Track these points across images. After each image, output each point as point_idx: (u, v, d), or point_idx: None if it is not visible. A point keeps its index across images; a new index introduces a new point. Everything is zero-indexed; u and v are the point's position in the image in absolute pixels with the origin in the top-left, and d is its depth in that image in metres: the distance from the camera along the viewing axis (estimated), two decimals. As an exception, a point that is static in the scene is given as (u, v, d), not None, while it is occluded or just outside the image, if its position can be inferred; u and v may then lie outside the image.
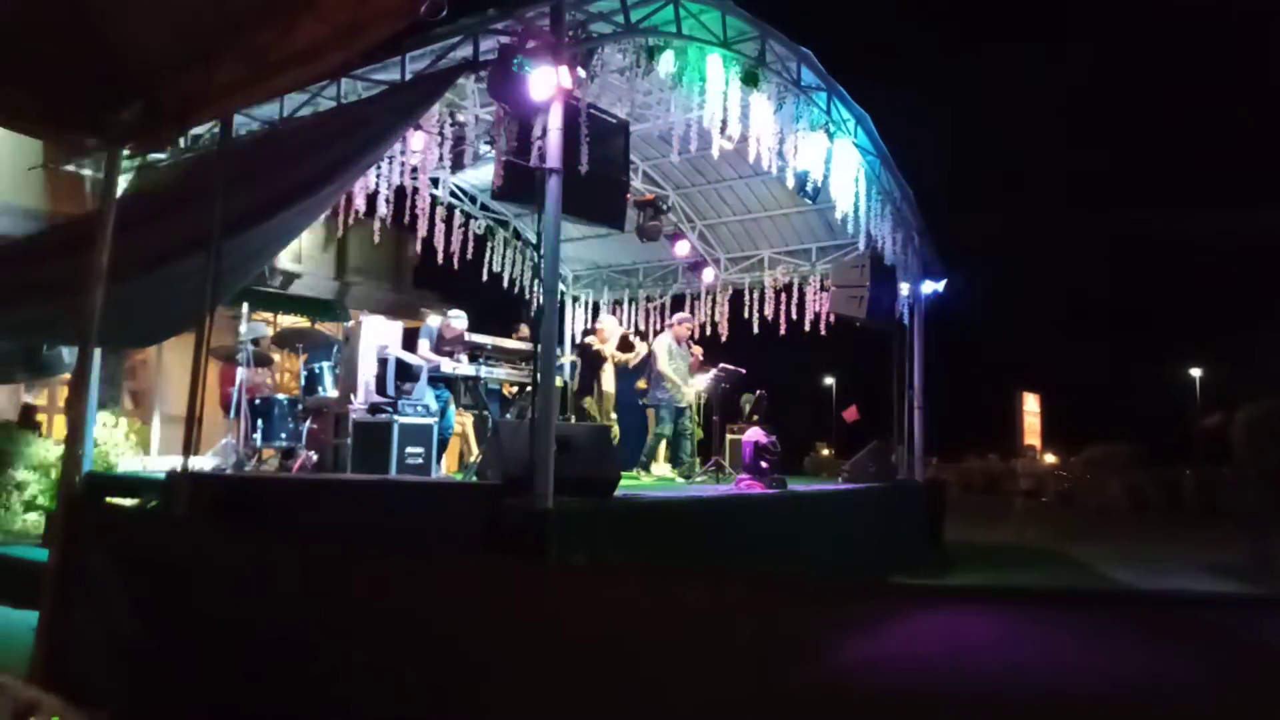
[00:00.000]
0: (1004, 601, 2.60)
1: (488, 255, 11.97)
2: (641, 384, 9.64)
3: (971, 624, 2.28)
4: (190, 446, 4.31)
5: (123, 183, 5.84)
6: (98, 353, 7.00)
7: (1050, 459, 28.58)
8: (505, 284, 12.19)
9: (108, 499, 5.77)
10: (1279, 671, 1.91)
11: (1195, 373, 33.27)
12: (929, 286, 11.06)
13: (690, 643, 2.29)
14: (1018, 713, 2.03)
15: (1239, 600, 2.10)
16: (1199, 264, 43.42)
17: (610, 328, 9.61)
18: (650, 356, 9.77)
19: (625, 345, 9.91)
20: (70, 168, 8.98)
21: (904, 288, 10.98)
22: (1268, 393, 9.54)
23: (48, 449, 7.65)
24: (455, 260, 10.93)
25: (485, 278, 11.91)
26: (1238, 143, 54.86)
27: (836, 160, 8.97)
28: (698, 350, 10.42)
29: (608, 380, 9.56)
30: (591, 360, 9.19)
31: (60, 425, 11.62)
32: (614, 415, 9.84)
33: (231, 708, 2.26)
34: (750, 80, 7.70)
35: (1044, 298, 49.43)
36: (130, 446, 8.73)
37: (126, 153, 3.59)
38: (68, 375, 7.94)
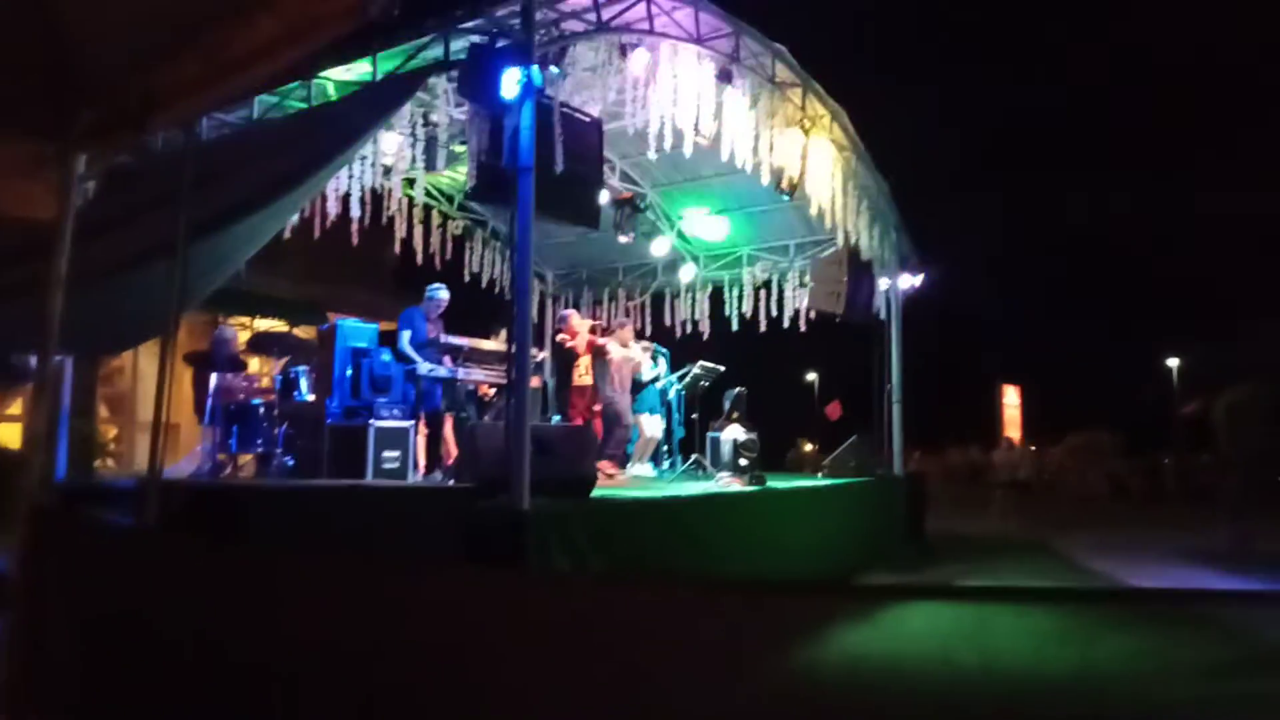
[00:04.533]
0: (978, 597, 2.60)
1: (467, 256, 11.92)
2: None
3: (944, 619, 2.28)
4: (157, 453, 4.25)
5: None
6: (69, 359, 6.94)
7: (1031, 449, 28.81)
8: (484, 284, 12.13)
9: (79, 508, 5.69)
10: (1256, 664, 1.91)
11: (1173, 362, 33.44)
12: (906, 280, 11.09)
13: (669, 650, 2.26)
14: (995, 708, 2.03)
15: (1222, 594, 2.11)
16: (1177, 251, 43.85)
17: (577, 322, 9.50)
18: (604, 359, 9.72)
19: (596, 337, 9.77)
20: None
21: (882, 282, 11.02)
22: (1248, 378, 9.61)
23: None
24: (436, 261, 10.86)
25: (466, 279, 11.85)
26: (1216, 132, 55.38)
27: (812, 156, 8.97)
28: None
29: (583, 376, 9.43)
30: (565, 357, 9.08)
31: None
32: (597, 408, 9.67)
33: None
34: (724, 77, 7.69)
35: (1022, 289, 49.79)
36: (107, 453, 8.63)
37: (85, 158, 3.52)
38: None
